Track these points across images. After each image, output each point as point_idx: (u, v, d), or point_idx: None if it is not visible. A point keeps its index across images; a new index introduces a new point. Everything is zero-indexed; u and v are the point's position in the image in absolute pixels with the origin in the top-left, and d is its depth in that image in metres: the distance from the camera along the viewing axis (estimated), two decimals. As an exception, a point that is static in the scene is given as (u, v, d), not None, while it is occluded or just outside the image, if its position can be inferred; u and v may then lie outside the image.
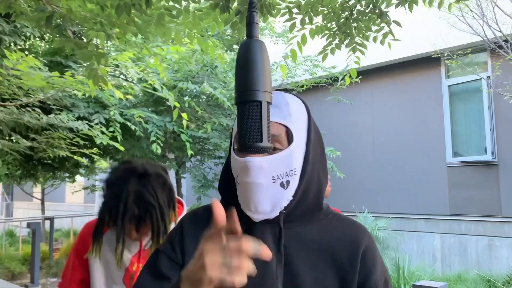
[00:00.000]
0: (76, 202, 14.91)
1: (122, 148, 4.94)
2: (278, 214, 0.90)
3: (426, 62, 6.95)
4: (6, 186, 17.16)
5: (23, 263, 7.82)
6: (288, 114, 0.93)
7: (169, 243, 0.97)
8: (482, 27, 5.80)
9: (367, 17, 2.19)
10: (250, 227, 0.91)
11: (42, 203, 11.15)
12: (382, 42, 2.34)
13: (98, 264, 1.50)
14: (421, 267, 6.45)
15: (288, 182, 0.90)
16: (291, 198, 0.91)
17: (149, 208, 1.42)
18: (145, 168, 1.47)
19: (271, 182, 0.88)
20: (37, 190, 12.52)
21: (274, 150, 0.89)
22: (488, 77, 6.37)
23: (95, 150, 4.71)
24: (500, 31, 5.69)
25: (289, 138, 0.92)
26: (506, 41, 5.74)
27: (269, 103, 0.72)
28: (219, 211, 0.63)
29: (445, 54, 6.35)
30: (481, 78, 6.41)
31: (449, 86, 6.93)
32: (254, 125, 0.70)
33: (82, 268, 1.51)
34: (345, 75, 2.95)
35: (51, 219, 8.31)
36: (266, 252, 0.64)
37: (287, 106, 0.94)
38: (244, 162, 0.87)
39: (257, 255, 0.64)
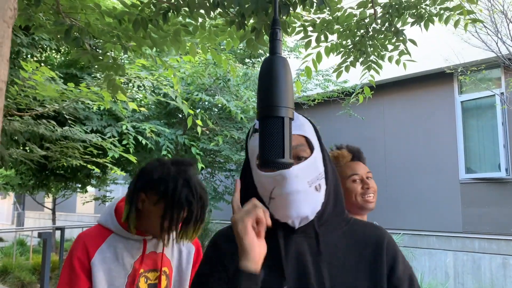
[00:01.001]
0: (87, 212, 14.98)
1: (134, 160, 4.97)
2: (314, 217, 0.97)
3: (439, 77, 6.92)
4: (18, 196, 17.33)
5: (33, 273, 7.84)
6: (302, 125, 1.01)
7: (209, 264, 1.01)
8: (496, 43, 5.77)
9: (382, 35, 2.19)
10: (288, 241, 0.96)
11: (53, 213, 11.22)
12: (397, 62, 2.34)
13: (101, 272, 1.47)
14: (433, 284, 6.33)
15: (320, 185, 0.97)
16: (323, 200, 0.98)
17: (203, 194, 1.49)
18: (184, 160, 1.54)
19: (307, 187, 0.94)
20: (48, 200, 12.62)
21: (300, 159, 0.96)
22: (502, 93, 6.31)
23: (108, 159, 4.75)
24: (514, 47, 5.65)
25: (310, 146, 0.99)
26: (520, 57, 5.70)
27: (291, 119, 0.72)
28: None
29: (459, 70, 6.32)
30: (494, 94, 6.35)
31: (462, 102, 6.88)
32: (277, 141, 0.70)
33: (87, 277, 1.47)
34: (358, 92, 2.96)
35: (61, 229, 8.34)
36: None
37: (298, 119, 1.01)
38: (279, 174, 0.91)
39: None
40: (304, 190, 0.93)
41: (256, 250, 0.85)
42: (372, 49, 2.32)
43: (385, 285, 0.95)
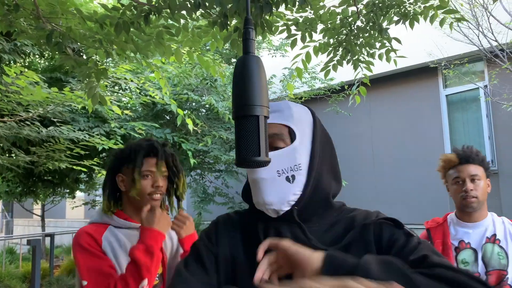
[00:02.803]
0: (77, 218, 14.85)
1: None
2: (288, 208, 0.96)
3: (424, 72, 7.00)
4: (6, 203, 17.10)
5: (23, 280, 7.76)
6: (290, 116, 1.00)
7: (206, 236, 1.06)
8: (478, 36, 5.85)
9: (367, 34, 2.21)
10: (268, 226, 0.98)
11: (42, 220, 11.10)
12: (388, 60, 2.36)
13: (112, 258, 1.52)
14: (424, 277, 6.40)
15: (293, 176, 0.96)
16: (300, 193, 0.96)
17: (165, 145, 1.73)
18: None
19: (276, 176, 0.95)
20: (37, 207, 12.48)
21: (277, 148, 0.97)
22: (485, 86, 6.41)
23: (95, 160, 4.73)
24: (496, 40, 5.74)
25: (292, 136, 0.98)
26: (502, 50, 5.79)
27: (266, 117, 0.73)
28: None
29: (442, 64, 6.40)
30: (478, 87, 6.45)
31: (447, 95, 6.97)
32: (252, 139, 0.71)
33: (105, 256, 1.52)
34: (355, 94, 2.99)
35: (51, 235, 8.27)
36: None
37: (289, 109, 1.02)
38: None
39: None
40: (272, 178, 0.95)
41: None
42: (358, 48, 2.33)
43: None
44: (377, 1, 2.10)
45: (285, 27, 2.21)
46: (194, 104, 6.38)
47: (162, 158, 1.62)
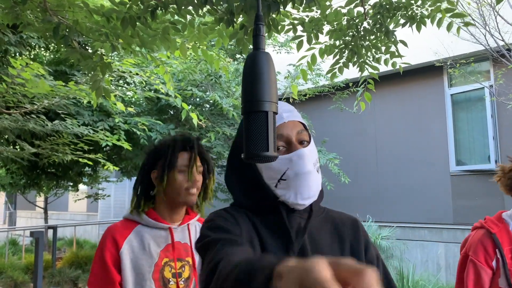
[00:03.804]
0: (79, 211, 14.92)
1: (128, 146, 4.93)
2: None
3: (429, 71, 6.97)
4: (10, 195, 17.19)
5: (26, 272, 7.81)
6: (299, 115, 1.07)
7: (221, 220, 0.95)
8: (485, 36, 5.82)
9: (373, 36, 2.20)
10: (284, 220, 0.99)
11: (45, 212, 11.16)
12: (393, 65, 2.35)
13: (129, 261, 1.53)
14: (425, 276, 6.41)
15: (319, 168, 1.03)
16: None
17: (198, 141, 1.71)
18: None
19: (313, 168, 1.00)
20: (40, 199, 12.53)
21: (302, 143, 1.01)
22: (491, 85, 6.38)
23: (99, 155, 4.75)
24: (503, 40, 5.71)
25: (308, 133, 1.05)
26: (508, 50, 5.76)
27: (275, 113, 0.74)
28: None
29: (448, 63, 6.37)
30: (483, 87, 6.42)
31: (452, 94, 6.94)
32: (261, 134, 0.72)
33: (118, 270, 1.52)
34: (359, 99, 2.99)
35: (54, 228, 8.32)
36: None
37: (295, 110, 1.08)
38: (296, 153, 0.97)
39: None
40: (313, 171, 0.99)
41: None
42: (364, 50, 2.32)
43: (364, 260, 1.04)
44: (384, 3, 2.08)
45: (291, 27, 2.21)
46: (198, 99, 6.39)
47: (197, 153, 1.59)
